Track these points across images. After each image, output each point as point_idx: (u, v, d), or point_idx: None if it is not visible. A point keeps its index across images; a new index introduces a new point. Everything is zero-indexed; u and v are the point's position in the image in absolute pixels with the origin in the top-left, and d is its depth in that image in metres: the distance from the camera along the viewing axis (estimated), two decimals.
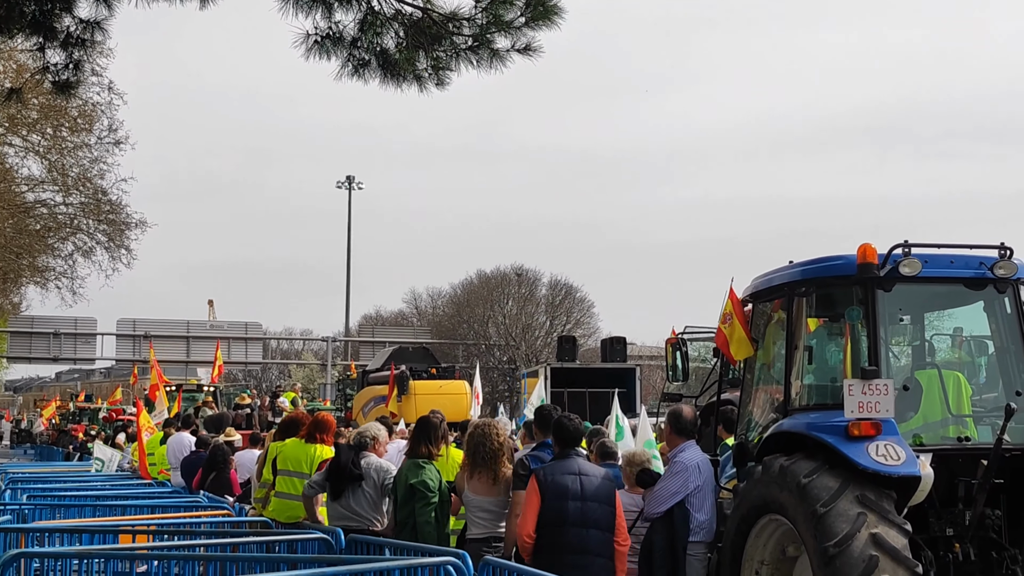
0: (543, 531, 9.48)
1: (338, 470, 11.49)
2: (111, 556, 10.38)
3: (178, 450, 20.41)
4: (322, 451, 12.39)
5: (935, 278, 9.86)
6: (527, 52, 11.06)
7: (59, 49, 11.90)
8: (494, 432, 10.70)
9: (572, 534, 9.48)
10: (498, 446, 10.58)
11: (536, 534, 9.49)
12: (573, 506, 9.53)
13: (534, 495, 9.58)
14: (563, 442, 10.04)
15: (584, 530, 9.52)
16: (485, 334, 76.22)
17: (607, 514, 9.67)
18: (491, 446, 10.54)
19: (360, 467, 11.39)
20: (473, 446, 10.63)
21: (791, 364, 10.22)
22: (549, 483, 9.60)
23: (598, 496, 9.67)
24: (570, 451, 9.97)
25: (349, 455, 11.52)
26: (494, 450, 10.54)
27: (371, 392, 38.01)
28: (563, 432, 10.08)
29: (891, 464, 8.78)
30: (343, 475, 11.42)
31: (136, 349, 64.87)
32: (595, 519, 9.59)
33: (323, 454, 12.33)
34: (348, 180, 74.72)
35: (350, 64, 11.22)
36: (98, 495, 17.00)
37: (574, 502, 9.55)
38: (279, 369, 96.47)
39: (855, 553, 8.51)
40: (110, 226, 44.62)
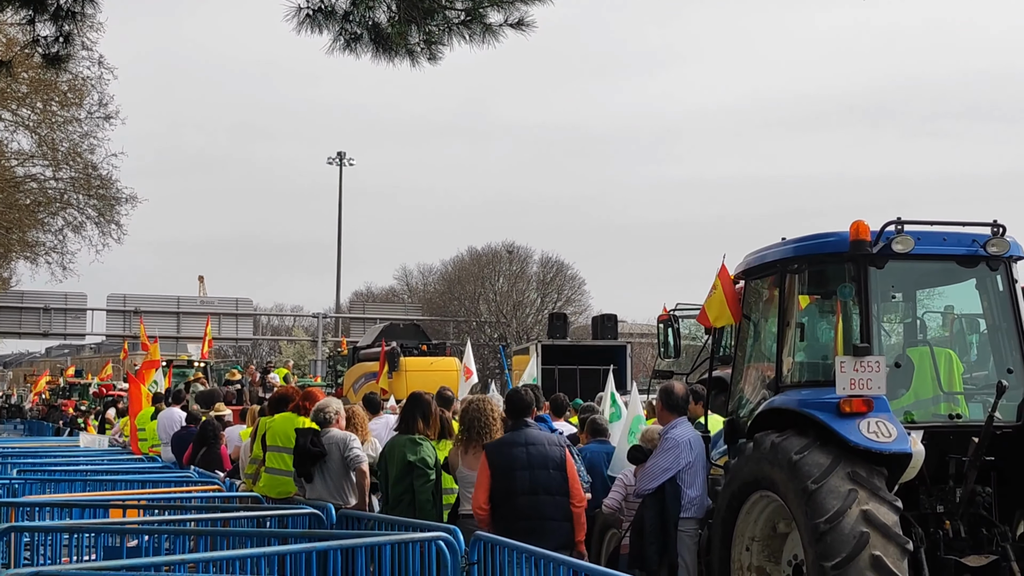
0: (496, 502, 9.95)
1: (300, 453, 11.51)
2: (101, 530, 10.37)
3: (168, 425, 20.40)
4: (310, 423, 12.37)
5: (928, 255, 9.84)
6: (520, 27, 10.99)
7: (49, 22, 11.81)
8: (488, 408, 10.75)
9: (523, 502, 9.92)
10: (492, 421, 10.62)
11: (490, 505, 9.95)
12: (521, 475, 9.98)
13: (484, 469, 10.02)
14: (514, 413, 10.58)
15: (534, 497, 9.96)
16: (476, 311, 76.32)
17: (557, 479, 10.08)
18: (486, 421, 10.56)
19: (320, 444, 11.39)
20: (468, 421, 10.63)
21: (783, 341, 10.20)
22: (496, 456, 10.06)
23: (546, 463, 10.09)
24: (520, 422, 10.45)
25: (307, 435, 11.53)
26: (489, 426, 10.57)
27: (362, 368, 38.02)
28: (513, 404, 10.67)
29: (882, 441, 8.78)
30: (305, 457, 11.44)
31: (126, 325, 64.89)
32: (545, 485, 10.02)
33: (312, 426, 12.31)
34: (339, 156, 74.58)
35: (342, 38, 11.14)
36: (88, 470, 17.00)
37: (522, 471, 9.99)
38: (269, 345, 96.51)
39: (846, 529, 8.51)
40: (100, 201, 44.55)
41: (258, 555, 9.27)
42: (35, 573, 7.09)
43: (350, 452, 11.32)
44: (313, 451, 11.39)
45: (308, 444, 11.43)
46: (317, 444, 11.40)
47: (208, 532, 10.22)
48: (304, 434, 11.61)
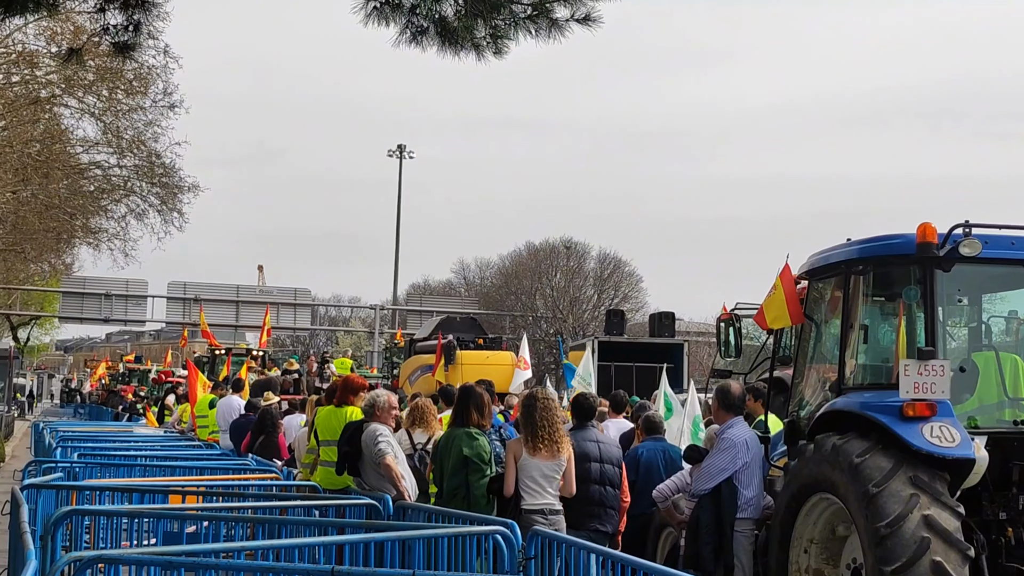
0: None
1: (339, 451, 11.60)
2: (161, 516, 10.46)
3: (227, 413, 20.54)
4: (354, 413, 12.37)
5: (995, 259, 9.71)
6: (586, 22, 10.96)
7: (119, 11, 11.91)
8: (555, 404, 10.95)
9: (594, 490, 11.23)
10: (558, 418, 10.86)
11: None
12: (594, 467, 11.26)
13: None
14: (582, 415, 11.84)
15: (602, 487, 11.30)
16: (532, 306, 76.23)
17: (617, 475, 11.49)
18: (554, 417, 10.73)
19: (356, 442, 11.40)
20: (539, 415, 10.68)
21: (846, 343, 10.13)
22: (577, 446, 11.10)
23: (611, 459, 11.47)
24: (586, 423, 11.77)
25: (346, 435, 11.58)
26: (556, 421, 10.76)
27: (418, 361, 38.09)
28: (581, 406, 11.91)
29: (945, 446, 8.71)
30: (342, 455, 11.50)
31: (186, 312, 65.33)
32: (610, 478, 11.37)
33: (356, 416, 12.31)
34: (399, 149, 74.72)
35: (408, 31, 11.15)
36: (148, 455, 17.14)
37: (595, 463, 11.28)
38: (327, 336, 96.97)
39: (907, 534, 8.45)
40: (163, 189, 44.82)
41: (316, 544, 9.31)
42: (96, 557, 7.12)
43: (376, 446, 11.29)
44: (343, 450, 11.46)
45: (344, 444, 11.51)
46: (353, 441, 11.44)
47: (267, 520, 10.26)
48: (346, 431, 11.67)
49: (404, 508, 10.69)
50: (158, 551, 8.42)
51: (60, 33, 37.24)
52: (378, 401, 11.72)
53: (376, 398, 11.83)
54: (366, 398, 12.02)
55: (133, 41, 12.28)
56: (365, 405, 11.88)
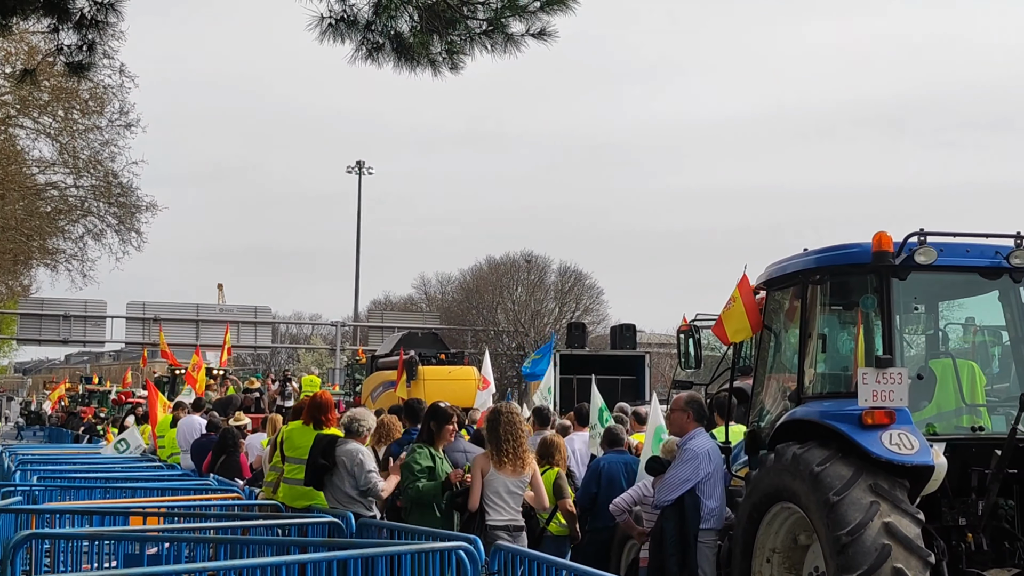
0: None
1: (309, 462, 11.53)
2: (122, 538, 10.38)
3: (188, 433, 20.43)
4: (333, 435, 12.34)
5: (950, 267, 9.80)
6: (542, 37, 11.00)
7: (73, 31, 11.86)
8: (520, 418, 10.97)
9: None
10: (524, 432, 10.92)
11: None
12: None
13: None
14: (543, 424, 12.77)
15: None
16: (494, 320, 76.17)
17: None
18: (520, 432, 10.76)
19: (331, 457, 11.37)
20: (504, 430, 10.68)
21: (805, 352, 10.18)
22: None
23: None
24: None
25: (319, 446, 11.53)
26: (521, 436, 10.78)
27: (380, 377, 38.02)
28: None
29: (904, 453, 8.76)
30: (311, 467, 11.45)
31: (146, 332, 65.04)
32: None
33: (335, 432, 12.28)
34: (358, 165, 74.62)
35: (364, 48, 11.16)
36: (108, 477, 17.00)
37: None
38: (288, 353, 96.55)
39: (868, 542, 8.49)
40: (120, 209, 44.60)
41: (278, 563, 9.22)
42: None
43: (366, 477, 11.28)
44: (320, 464, 11.41)
45: (318, 456, 11.45)
46: (328, 456, 11.40)
47: (228, 540, 10.19)
48: (319, 443, 11.61)
49: (367, 525, 10.66)
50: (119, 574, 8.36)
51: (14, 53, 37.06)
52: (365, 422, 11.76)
53: (363, 418, 11.84)
54: (353, 415, 12.00)
55: (88, 61, 12.23)
56: (346, 420, 11.85)
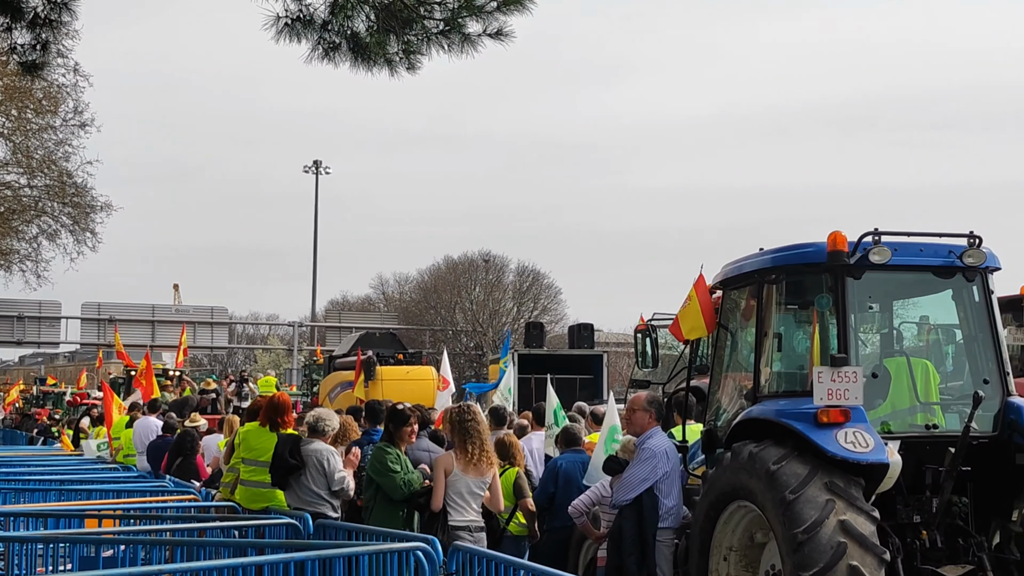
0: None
1: (276, 461, 11.46)
2: (77, 540, 10.32)
3: (144, 434, 20.29)
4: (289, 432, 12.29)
5: (904, 266, 9.87)
6: (499, 37, 11.00)
7: (26, 30, 11.76)
8: (481, 417, 11.05)
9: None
10: (485, 430, 10.94)
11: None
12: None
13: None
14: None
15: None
16: (452, 320, 76.20)
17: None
18: (481, 430, 10.82)
19: (299, 456, 11.33)
20: (466, 429, 10.72)
21: (760, 351, 10.24)
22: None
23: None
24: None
25: (288, 444, 11.48)
26: (483, 434, 10.83)
27: (338, 377, 37.91)
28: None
29: (859, 451, 8.82)
30: (280, 466, 11.39)
31: (101, 333, 64.58)
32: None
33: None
34: (315, 165, 74.37)
35: (320, 47, 11.13)
36: (63, 479, 16.89)
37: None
38: (245, 354, 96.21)
39: (823, 539, 8.54)
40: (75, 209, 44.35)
41: (235, 565, 9.19)
42: None
43: (338, 479, 11.28)
44: (291, 463, 11.34)
45: (287, 455, 11.37)
46: (296, 456, 11.35)
47: (185, 542, 10.16)
48: (285, 442, 11.56)
49: (325, 527, 10.64)
50: None
51: None
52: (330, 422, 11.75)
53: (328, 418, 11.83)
54: (318, 415, 11.96)
55: (41, 60, 12.14)
56: (312, 420, 11.81)
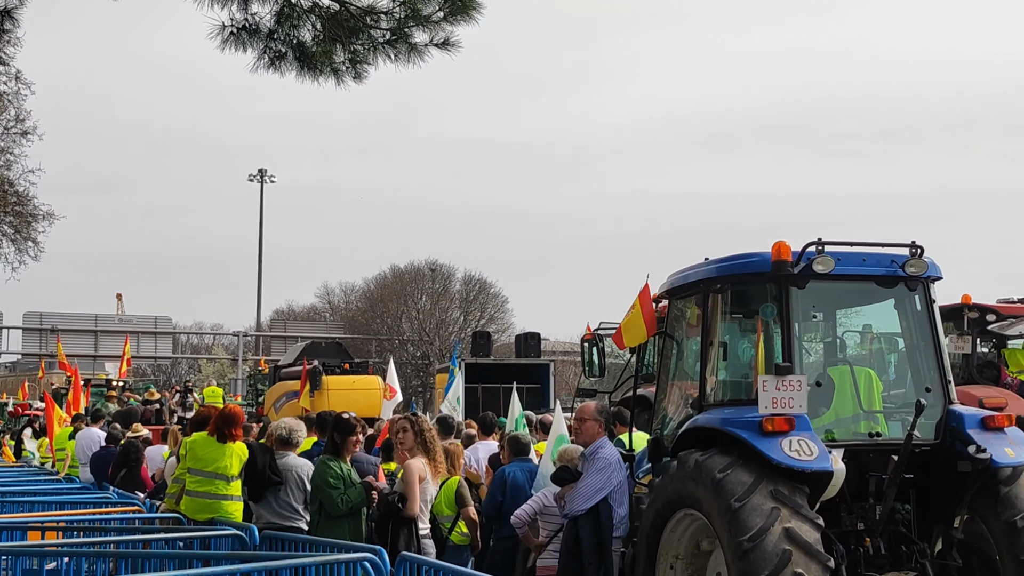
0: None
1: (255, 474, 11.41)
2: (20, 553, 10.19)
3: (87, 445, 20.12)
4: (239, 449, 12.25)
5: (848, 275, 9.97)
6: (445, 47, 11.05)
7: None
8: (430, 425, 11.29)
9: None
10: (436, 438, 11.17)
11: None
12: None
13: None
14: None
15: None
16: (399, 329, 76.05)
17: None
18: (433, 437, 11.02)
19: (279, 471, 11.32)
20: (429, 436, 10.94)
21: (706, 360, 10.29)
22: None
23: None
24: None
25: (265, 458, 11.43)
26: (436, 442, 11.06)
27: (283, 387, 37.73)
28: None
29: (804, 459, 8.89)
30: (261, 480, 11.35)
31: (43, 343, 63.97)
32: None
33: (241, 453, 12.20)
34: (260, 173, 74.09)
35: (266, 56, 11.13)
36: (4, 491, 16.69)
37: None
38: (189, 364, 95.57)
39: (769, 547, 8.59)
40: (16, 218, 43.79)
41: None
42: None
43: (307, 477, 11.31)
44: (273, 478, 11.31)
45: (268, 471, 11.34)
46: (276, 471, 11.33)
47: (129, 554, 10.07)
48: (263, 456, 11.50)
49: (271, 537, 10.59)
50: None
51: None
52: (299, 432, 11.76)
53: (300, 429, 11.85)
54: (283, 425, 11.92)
55: None
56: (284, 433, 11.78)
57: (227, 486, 12.15)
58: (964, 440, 9.56)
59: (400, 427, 10.96)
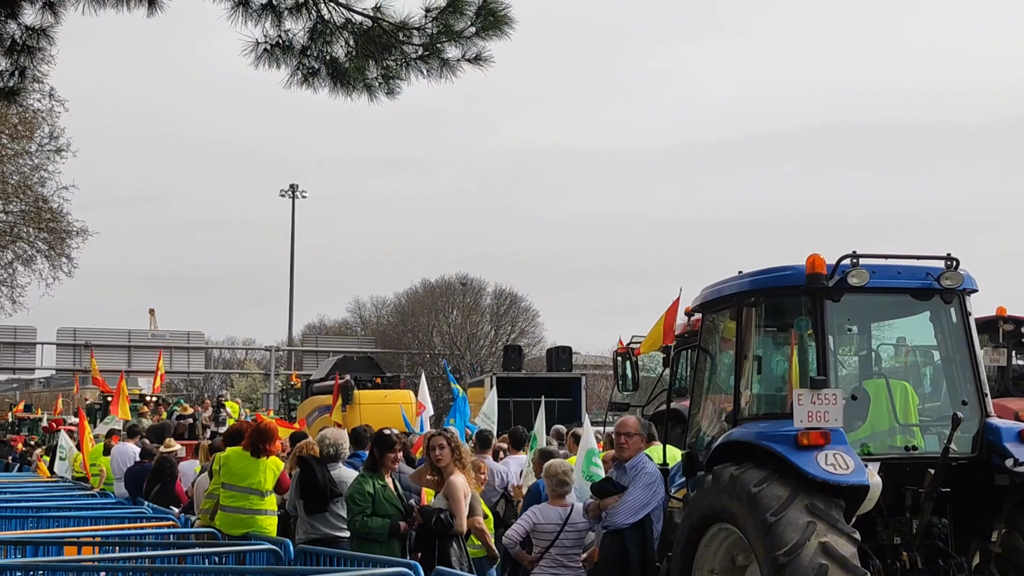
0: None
1: (316, 488, 11.41)
2: (57, 568, 10.25)
3: (122, 460, 20.21)
4: (272, 464, 12.28)
5: (883, 288, 9.93)
6: (477, 62, 11.06)
7: (4, 56, 11.76)
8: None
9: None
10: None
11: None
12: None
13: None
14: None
15: None
16: (430, 343, 76.12)
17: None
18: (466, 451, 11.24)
19: (338, 485, 11.37)
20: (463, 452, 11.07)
21: (740, 374, 10.26)
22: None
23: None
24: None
25: (324, 473, 11.45)
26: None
27: (315, 402, 37.85)
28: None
29: (840, 473, 8.84)
30: (324, 493, 11.37)
31: (77, 358, 64.35)
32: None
33: (276, 467, 12.23)
34: (292, 188, 74.35)
35: (299, 73, 11.18)
36: (41, 506, 16.79)
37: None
38: (221, 379, 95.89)
39: (805, 562, 8.54)
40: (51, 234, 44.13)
41: None
42: None
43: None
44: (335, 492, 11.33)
45: (328, 484, 11.35)
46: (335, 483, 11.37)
47: (165, 569, 10.13)
48: (320, 468, 11.51)
49: (306, 552, 10.61)
50: None
51: None
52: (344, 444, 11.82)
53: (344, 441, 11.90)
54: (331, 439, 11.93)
55: (18, 86, 12.14)
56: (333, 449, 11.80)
57: (261, 501, 12.20)
58: (1001, 453, 9.50)
59: (437, 443, 10.95)
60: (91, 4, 10.73)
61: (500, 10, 10.78)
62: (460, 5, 10.75)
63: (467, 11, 10.80)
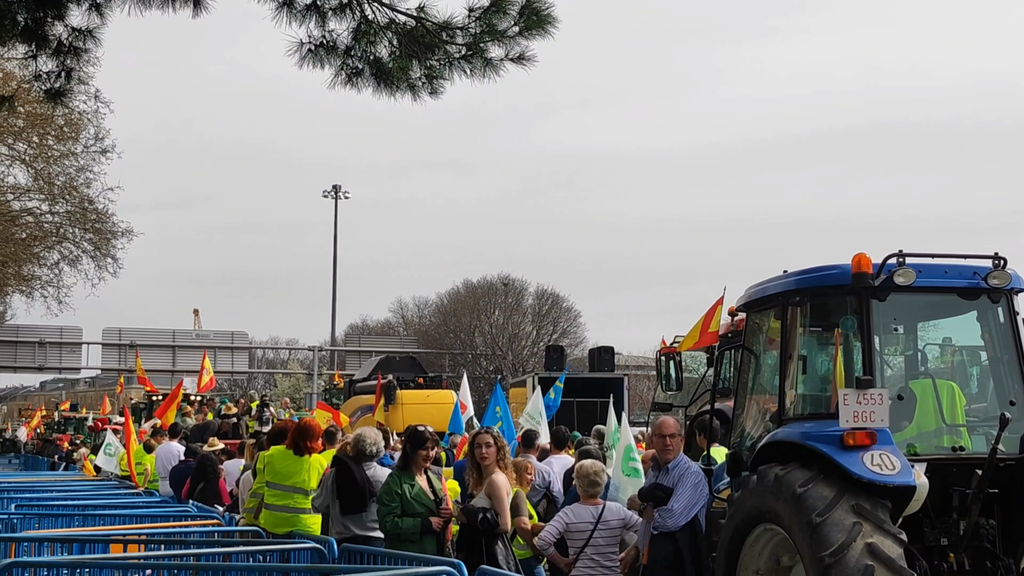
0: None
1: (355, 488, 11.36)
2: (103, 565, 10.33)
3: (167, 459, 20.35)
4: (316, 463, 12.30)
5: (929, 288, 9.85)
6: (521, 61, 11.05)
7: (50, 57, 11.85)
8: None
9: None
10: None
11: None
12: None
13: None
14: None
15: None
16: (472, 343, 76.17)
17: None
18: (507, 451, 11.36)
19: (373, 484, 11.36)
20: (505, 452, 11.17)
21: (785, 374, 10.21)
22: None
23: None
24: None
25: (362, 473, 11.41)
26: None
27: (358, 402, 37.95)
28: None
29: (886, 474, 8.78)
30: (363, 494, 11.32)
31: (122, 358, 64.80)
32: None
33: (319, 465, 12.25)
34: (334, 189, 74.70)
35: (343, 73, 11.20)
36: (86, 504, 16.92)
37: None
38: (265, 379, 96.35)
39: (851, 563, 8.50)
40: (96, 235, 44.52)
41: None
42: None
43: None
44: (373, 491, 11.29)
45: (366, 484, 11.33)
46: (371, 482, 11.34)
47: (210, 567, 10.15)
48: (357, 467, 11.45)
49: (350, 551, 10.63)
50: None
51: None
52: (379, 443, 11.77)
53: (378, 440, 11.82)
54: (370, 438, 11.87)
55: (65, 87, 12.22)
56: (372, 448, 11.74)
57: (305, 499, 12.23)
58: None
59: (483, 440, 10.96)
60: (137, 5, 10.79)
61: (543, 9, 10.76)
62: (503, 4, 10.74)
63: (510, 10, 10.78)
